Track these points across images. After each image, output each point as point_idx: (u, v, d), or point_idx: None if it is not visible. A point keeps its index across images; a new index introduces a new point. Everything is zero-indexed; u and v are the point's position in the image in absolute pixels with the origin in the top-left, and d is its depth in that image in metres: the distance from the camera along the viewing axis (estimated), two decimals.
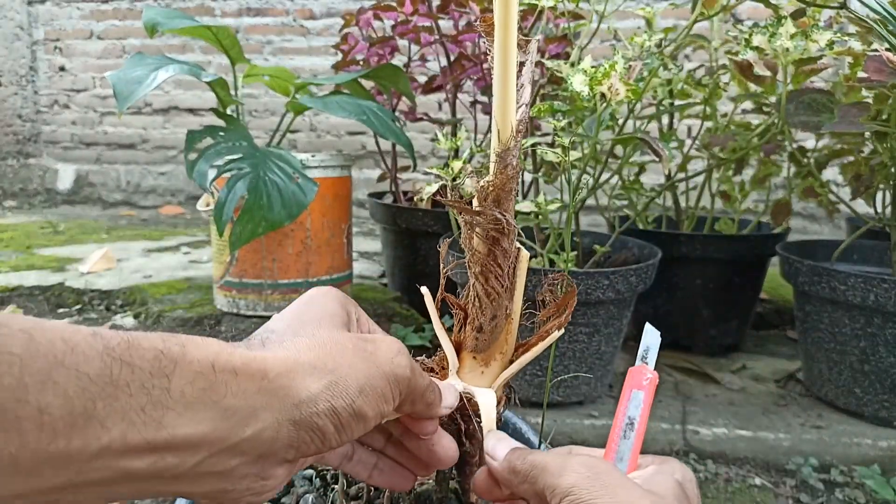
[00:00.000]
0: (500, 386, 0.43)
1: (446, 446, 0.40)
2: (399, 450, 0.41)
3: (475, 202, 0.40)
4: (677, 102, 1.21)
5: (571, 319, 0.91)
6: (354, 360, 0.33)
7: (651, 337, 0.42)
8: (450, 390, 0.40)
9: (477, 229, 0.40)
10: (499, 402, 0.43)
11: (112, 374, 0.25)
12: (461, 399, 0.41)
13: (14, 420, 0.22)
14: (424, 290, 0.45)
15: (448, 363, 0.43)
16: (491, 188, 0.39)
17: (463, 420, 0.42)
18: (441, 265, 0.46)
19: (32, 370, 0.23)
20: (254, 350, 0.31)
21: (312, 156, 1.11)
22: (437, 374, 0.45)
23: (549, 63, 0.97)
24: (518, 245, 0.42)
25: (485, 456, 0.39)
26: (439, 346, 0.45)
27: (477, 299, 0.41)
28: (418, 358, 0.44)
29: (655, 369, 0.41)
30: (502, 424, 0.64)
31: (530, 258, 1.08)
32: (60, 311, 1.34)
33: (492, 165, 0.40)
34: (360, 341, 0.34)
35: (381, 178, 1.53)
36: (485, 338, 0.42)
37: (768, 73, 1.00)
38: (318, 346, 0.33)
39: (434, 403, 0.38)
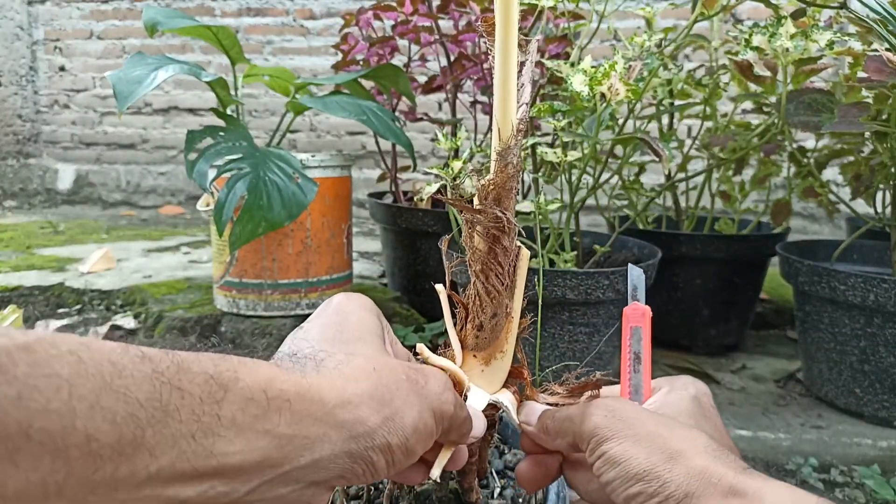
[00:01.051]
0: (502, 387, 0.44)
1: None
2: None
3: (476, 200, 0.40)
4: (677, 102, 1.21)
5: (571, 319, 0.92)
6: (409, 394, 0.33)
7: (635, 275, 0.44)
8: (479, 418, 0.40)
9: (478, 227, 0.40)
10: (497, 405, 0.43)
11: (162, 398, 0.24)
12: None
13: (62, 448, 0.21)
14: (440, 287, 0.45)
15: (455, 359, 0.43)
16: (492, 186, 0.39)
17: None
18: (445, 261, 0.47)
19: (81, 394, 0.22)
20: (308, 374, 0.30)
21: (312, 156, 1.11)
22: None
23: (549, 63, 0.97)
24: (518, 244, 0.41)
25: (521, 425, 0.42)
26: (439, 345, 0.45)
27: (477, 297, 0.41)
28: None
29: (654, 370, 0.42)
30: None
31: (530, 258, 1.08)
32: (60, 311, 1.34)
33: (493, 164, 0.40)
34: (413, 372, 0.34)
35: (381, 178, 1.53)
36: (485, 336, 0.42)
37: (768, 73, 1.00)
38: (373, 373, 0.32)
39: (467, 434, 0.38)
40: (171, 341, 1.15)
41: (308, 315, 0.39)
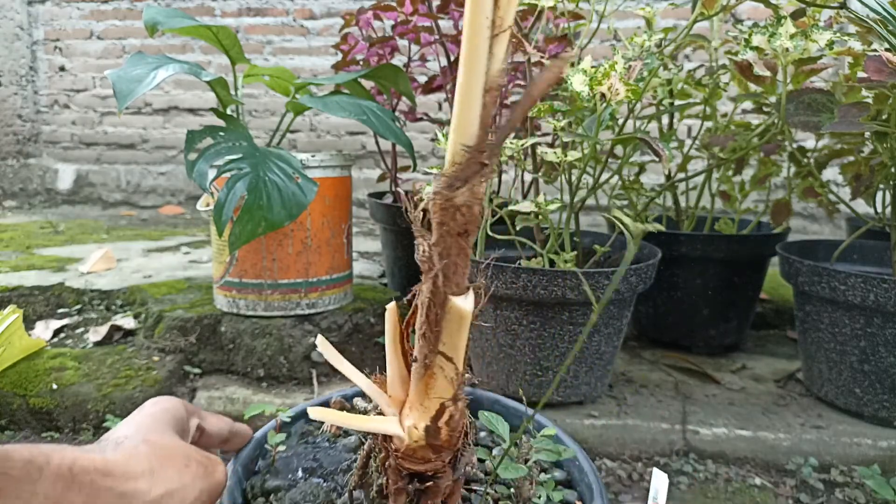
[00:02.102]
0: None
1: None
2: None
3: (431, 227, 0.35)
4: (677, 102, 1.21)
5: (571, 319, 0.92)
6: (196, 475, 0.41)
7: (659, 480, 0.44)
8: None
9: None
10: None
11: None
12: None
13: None
14: (391, 305, 0.42)
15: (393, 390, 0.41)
16: (441, 226, 0.34)
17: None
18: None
19: None
20: (106, 453, 0.37)
21: (312, 156, 1.11)
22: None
23: (548, 63, 0.97)
24: (453, 302, 0.35)
25: None
26: None
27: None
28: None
29: (654, 370, 0.41)
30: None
31: (530, 258, 1.08)
32: (60, 311, 1.34)
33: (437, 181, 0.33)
34: (204, 459, 0.43)
35: (381, 178, 1.53)
36: (415, 375, 0.39)
37: (768, 73, 1.00)
38: (161, 453, 0.40)
39: None
40: (171, 340, 1.15)
41: (308, 315, 0.40)
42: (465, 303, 0.35)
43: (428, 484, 0.40)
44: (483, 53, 0.30)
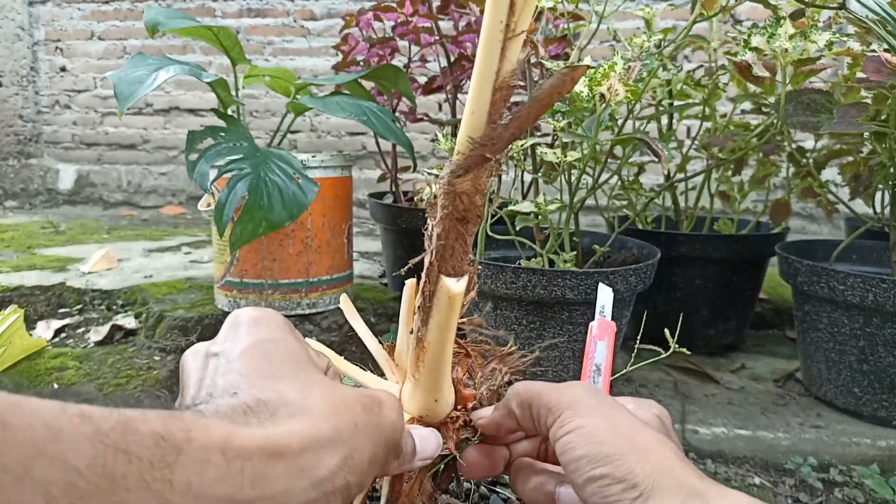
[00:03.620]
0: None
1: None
2: None
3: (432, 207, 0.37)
4: (676, 103, 1.21)
5: (571, 319, 0.92)
6: (366, 427, 0.31)
7: (605, 294, 0.47)
8: (427, 440, 0.39)
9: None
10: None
11: (106, 465, 0.21)
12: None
13: None
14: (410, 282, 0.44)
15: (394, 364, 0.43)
16: (441, 226, 0.37)
17: None
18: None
19: (7, 464, 0.19)
20: (265, 425, 0.27)
21: (313, 156, 1.11)
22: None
23: (548, 64, 0.97)
24: (444, 281, 0.37)
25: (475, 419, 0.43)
26: None
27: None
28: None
29: (654, 369, 0.44)
30: None
31: (529, 258, 1.08)
32: (61, 310, 1.34)
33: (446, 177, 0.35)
34: (367, 400, 0.32)
35: (381, 179, 1.53)
36: (409, 347, 0.41)
37: (767, 74, 1.00)
38: (332, 411, 0.30)
39: (409, 462, 0.38)
40: (172, 340, 1.15)
41: (309, 315, 0.40)
42: (455, 284, 0.37)
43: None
44: (495, 54, 0.32)
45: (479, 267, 0.91)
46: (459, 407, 0.43)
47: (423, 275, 0.38)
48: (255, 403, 0.28)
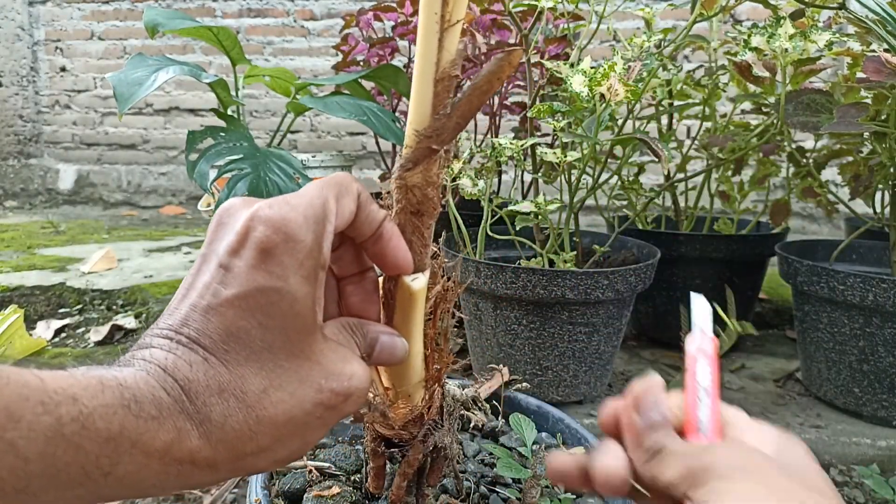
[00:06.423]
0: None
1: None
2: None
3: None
4: (676, 103, 1.21)
5: (570, 319, 0.92)
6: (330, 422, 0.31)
7: (701, 305, 0.40)
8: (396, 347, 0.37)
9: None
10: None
11: (56, 455, 0.23)
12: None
13: None
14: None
15: None
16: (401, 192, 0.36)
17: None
18: None
19: None
20: (207, 434, 0.28)
21: (313, 156, 1.11)
22: None
23: (548, 64, 0.97)
24: (405, 280, 0.36)
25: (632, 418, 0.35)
26: None
27: None
28: None
29: (653, 369, 0.41)
30: (551, 423, 0.65)
31: (529, 258, 1.08)
32: (61, 310, 1.34)
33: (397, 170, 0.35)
34: (333, 398, 0.30)
35: (381, 178, 1.53)
36: None
37: (767, 74, 1.00)
38: (287, 422, 0.29)
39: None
40: None
41: None
42: (413, 281, 0.36)
43: (392, 450, 0.43)
44: (433, 46, 0.32)
45: (479, 267, 0.91)
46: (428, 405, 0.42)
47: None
48: (206, 392, 0.27)
